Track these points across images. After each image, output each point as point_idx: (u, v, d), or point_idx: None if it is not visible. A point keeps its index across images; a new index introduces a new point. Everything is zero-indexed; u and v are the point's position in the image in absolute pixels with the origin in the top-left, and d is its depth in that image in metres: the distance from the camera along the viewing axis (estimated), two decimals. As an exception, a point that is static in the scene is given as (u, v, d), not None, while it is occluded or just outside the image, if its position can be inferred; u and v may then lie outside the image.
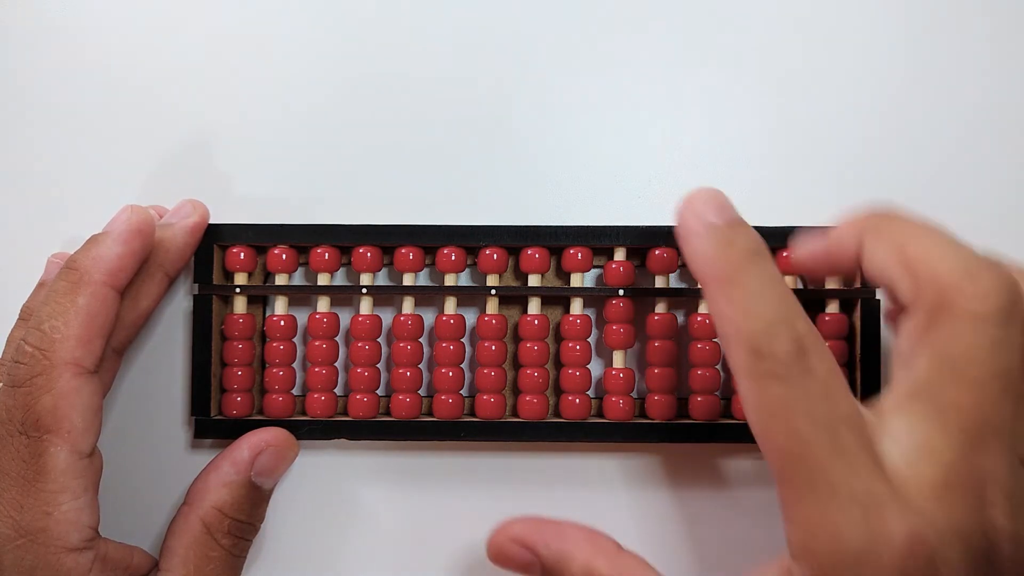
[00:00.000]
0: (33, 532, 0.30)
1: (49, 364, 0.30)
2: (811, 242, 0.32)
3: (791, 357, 0.26)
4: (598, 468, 0.38)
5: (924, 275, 0.27)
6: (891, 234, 0.28)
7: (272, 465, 0.35)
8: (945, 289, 0.26)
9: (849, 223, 0.30)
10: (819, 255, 0.31)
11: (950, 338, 0.26)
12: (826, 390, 0.26)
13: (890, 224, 0.29)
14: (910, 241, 0.28)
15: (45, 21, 0.39)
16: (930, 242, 0.27)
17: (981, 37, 0.39)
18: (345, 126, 0.39)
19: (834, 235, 0.30)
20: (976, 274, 0.26)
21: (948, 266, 0.27)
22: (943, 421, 0.26)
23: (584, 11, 0.39)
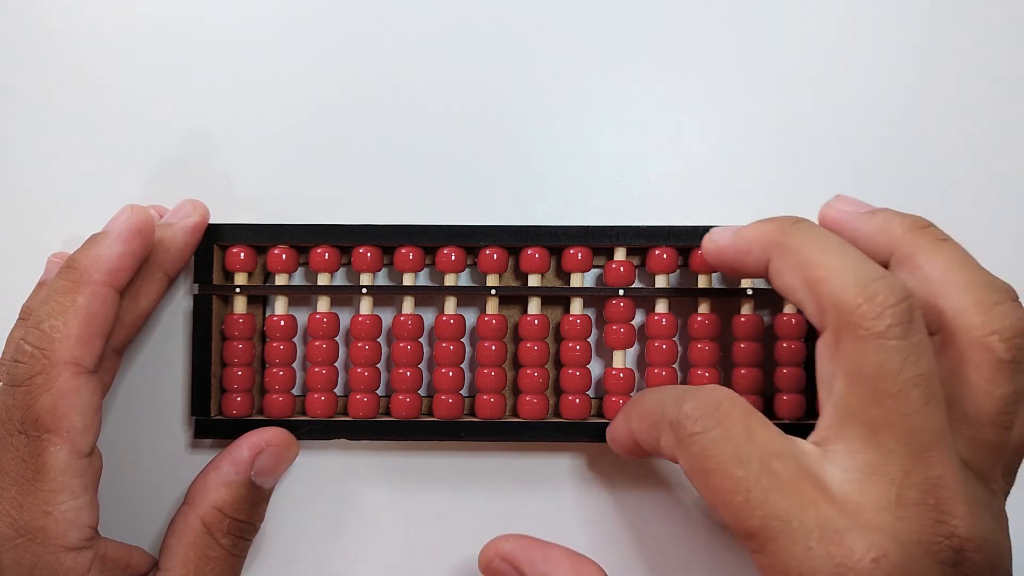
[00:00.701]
0: (32, 531, 0.30)
1: (48, 363, 0.30)
2: (720, 240, 0.32)
3: (702, 410, 0.28)
4: (598, 468, 0.38)
5: (825, 297, 0.27)
6: (795, 254, 0.29)
7: (272, 465, 0.35)
8: (844, 310, 0.27)
9: (755, 234, 0.31)
10: (727, 257, 0.32)
11: (858, 357, 0.27)
12: (746, 429, 0.27)
13: (793, 241, 0.29)
14: (811, 261, 0.28)
15: (44, 21, 0.39)
16: (829, 262, 0.28)
17: (985, 36, 0.39)
18: (345, 126, 0.39)
19: (741, 243, 0.31)
20: (872, 291, 0.27)
21: (845, 285, 0.27)
22: (878, 441, 0.26)
23: (584, 11, 0.39)
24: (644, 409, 0.31)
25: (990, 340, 0.28)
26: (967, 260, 0.29)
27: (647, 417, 0.30)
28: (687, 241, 0.36)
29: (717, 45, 0.39)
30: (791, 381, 0.36)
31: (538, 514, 0.38)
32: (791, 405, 0.36)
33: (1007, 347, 0.28)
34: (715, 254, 0.32)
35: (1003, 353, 0.28)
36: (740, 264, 0.31)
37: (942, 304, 0.29)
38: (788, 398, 0.36)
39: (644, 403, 0.31)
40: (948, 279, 0.29)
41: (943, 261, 0.29)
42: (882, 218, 0.31)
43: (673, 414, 0.28)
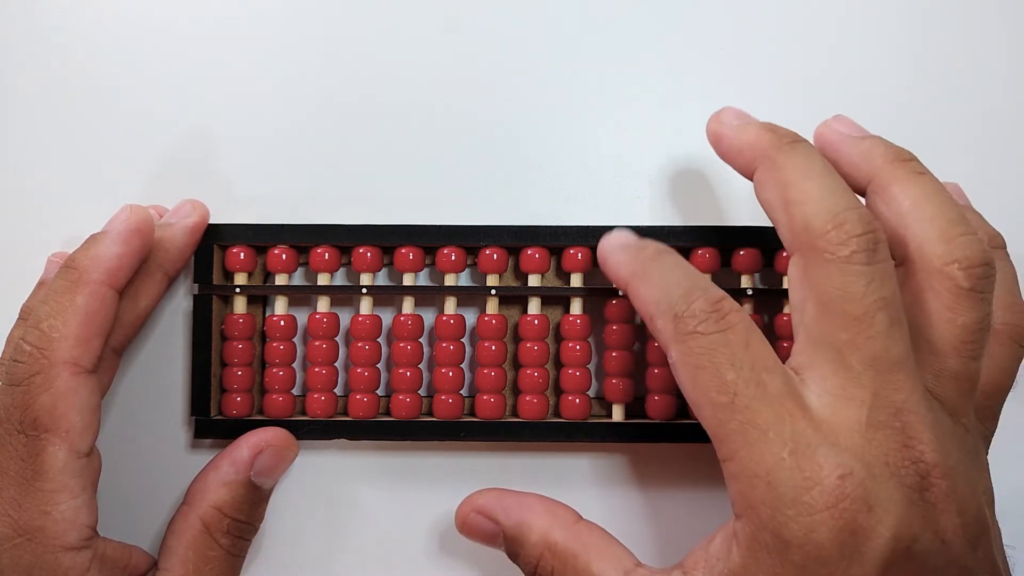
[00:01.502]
0: (31, 531, 0.30)
1: (47, 363, 0.30)
2: (724, 125, 0.32)
3: (708, 314, 0.28)
4: (598, 468, 0.38)
5: (797, 220, 0.28)
6: (779, 171, 0.29)
7: (272, 465, 0.35)
8: (813, 234, 0.28)
9: (751, 139, 0.31)
10: (721, 145, 0.33)
11: (825, 281, 0.27)
12: (746, 340, 0.28)
13: (781, 158, 0.30)
14: (791, 183, 0.29)
15: (44, 21, 0.39)
16: (807, 186, 0.29)
17: (989, 36, 0.39)
18: (345, 126, 0.39)
19: (737, 141, 0.32)
20: (841, 219, 0.28)
21: (816, 211, 0.28)
22: (846, 364, 0.27)
23: (584, 12, 0.39)
24: (649, 282, 0.30)
25: (950, 269, 0.28)
26: (939, 194, 0.30)
27: (650, 291, 0.30)
28: (687, 241, 0.36)
29: (717, 45, 0.39)
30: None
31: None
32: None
33: (967, 275, 0.28)
34: (714, 133, 0.33)
35: (963, 281, 0.28)
36: (729, 159, 0.32)
37: (908, 235, 0.29)
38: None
39: (651, 277, 0.30)
40: (917, 211, 0.29)
41: (915, 193, 0.30)
42: (868, 145, 0.31)
43: (680, 307, 0.28)
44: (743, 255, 0.36)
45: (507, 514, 0.33)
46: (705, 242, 0.36)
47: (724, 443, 0.27)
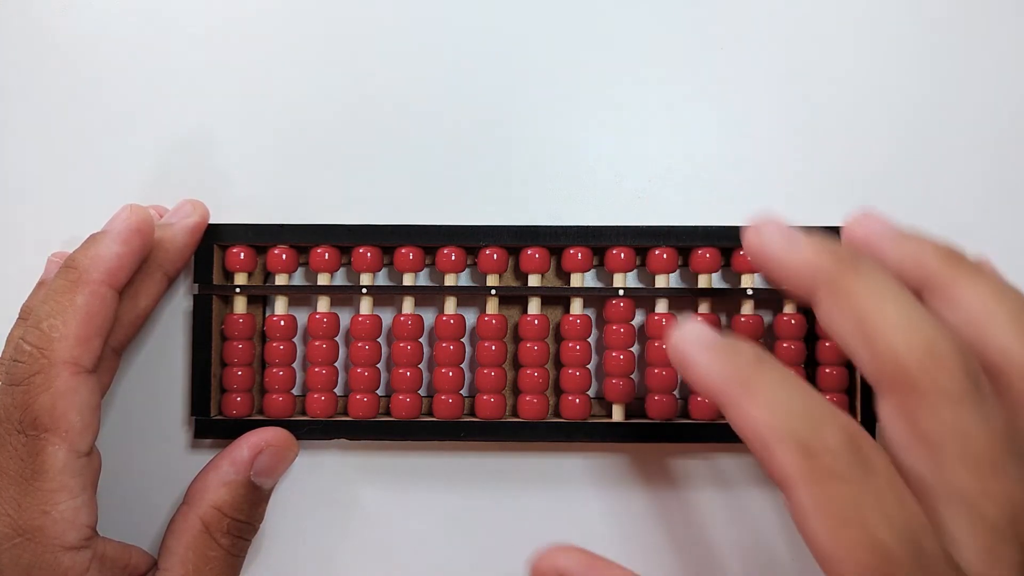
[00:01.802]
0: (31, 531, 0.30)
1: (47, 363, 0.30)
2: (768, 242, 0.28)
3: (847, 451, 0.24)
4: (598, 468, 0.38)
5: (885, 355, 0.25)
6: (849, 298, 0.26)
7: (272, 465, 0.35)
8: (908, 371, 0.25)
9: (807, 259, 0.27)
10: (769, 264, 0.28)
11: (935, 423, 0.24)
12: (895, 490, 0.24)
13: (848, 283, 0.26)
14: (867, 311, 0.26)
15: (44, 21, 0.39)
16: (886, 315, 0.25)
17: (989, 36, 0.39)
18: (345, 126, 0.39)
19: (790, 261, 0.27)
20: (937, 350, 0.25)
21: (906, 344, 0.25)
22: (986, 520, 0.24)
23: (585, 12, 0.39)
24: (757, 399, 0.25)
25: None
26: (1007, 291, 0.27)
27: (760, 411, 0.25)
28: (687, 241, 0.36)
29: (717, 45, 0.39)
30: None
31: (538, 514, 0.38)
32: (791, 405, 0.36)
33: None
34: (758, 252, 0.28)
35: None
36: (781, 280, 0.28)
37: (987, 341, 0.26)
38: (788, 398, 0.36)
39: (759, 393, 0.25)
40: (991, 314, 0.26)
41: (983, 294, 0.27)
42: (915, 246, 0.28)
43: (808, 438, 0.24)
44: (743, 255, 0.36)
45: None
46: (705, 242, 0.36)
47: None
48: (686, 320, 0.29)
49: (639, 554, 0.37)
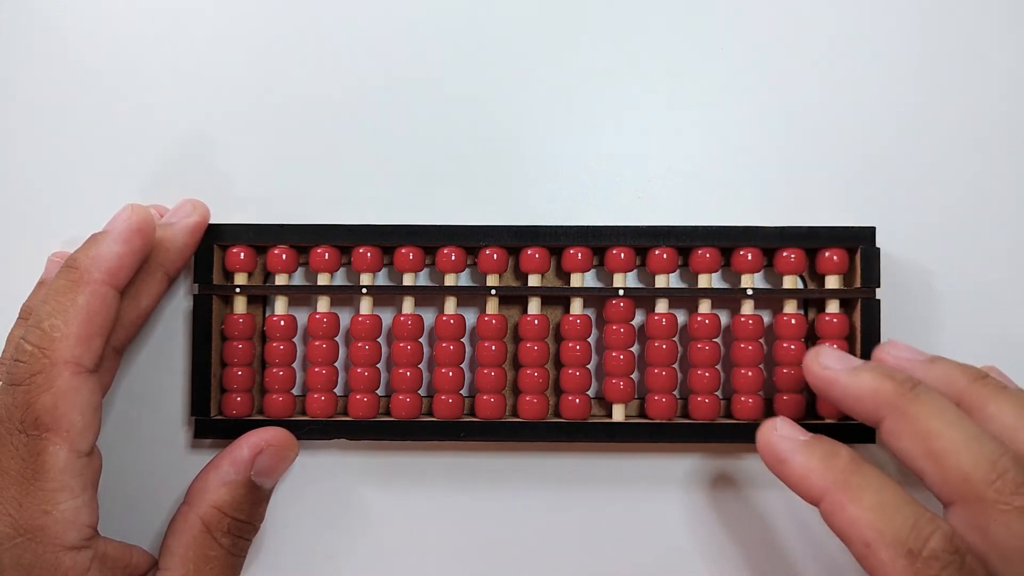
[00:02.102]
0: (32, 530, 0.30)
1: (49, 363, 0.30)
2: (831, 372, 0.31)
3: (952, 556, 0.26)
4: (598, 468, 0.38)
5: (952, 471, 0.28)
6: (915, 423, 0.29)
7: (272, 465, 0.35)
8: (976, 486, 0.27)
9: (871, 388, 0.30)
10: (833, 392, 0.31)
11: (1006, 533, 0.27)
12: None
13: (913, 409, 0.29)
14: (934, 433, 0.28)
15: (44, 21, 0.39)
16: (952, 435, 0.28)
17: (982, 36, 0.39)
18: (345, 126, 0.39)
19: (855, 389, 0.30)
20: (1001, 467, 0.27)
21: (972, 461, 0.27)
22: None
23: (585, 12, 0.39)
24: (860, 502, 0.28)
25: None
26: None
27: (864, 513, 0.28)
28: (687, 241, 0.36)
29: (717, 45, 0.39)
30: (791, 381, 0.36)
31: (538, 514, 0.38)
32: (791, 405, 0.36)
33: None
34: (823, 384, 0.32)
35: None
36: (847, 407, 0.31)
37: (1020, 447, 0.29)
38: (788, 398, 0.36)
39: (862, 496, 0.28)
40: (1019, 424, 0.29)
41: (1013, 408, 0.29)
42: (944, 369, 0.31)
43: (913, 542, 0.27)
44: (743, 255, 0.36)
45: None
46: (705, 242, 0.36)
47: None
48: (772, 420, 0.31)
49: (639, 554, 0.38)
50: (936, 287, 0.38)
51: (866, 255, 0.36)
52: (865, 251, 0.36)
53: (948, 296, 0.38)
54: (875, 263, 0.36)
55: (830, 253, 0.36)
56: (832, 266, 0.36)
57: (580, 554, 0.38)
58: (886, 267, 0.37)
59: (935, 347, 0.37)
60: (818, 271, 0.37)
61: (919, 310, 0.38)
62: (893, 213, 0.38)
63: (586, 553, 0.38)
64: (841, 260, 0.36)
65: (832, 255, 0.36)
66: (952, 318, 0.38)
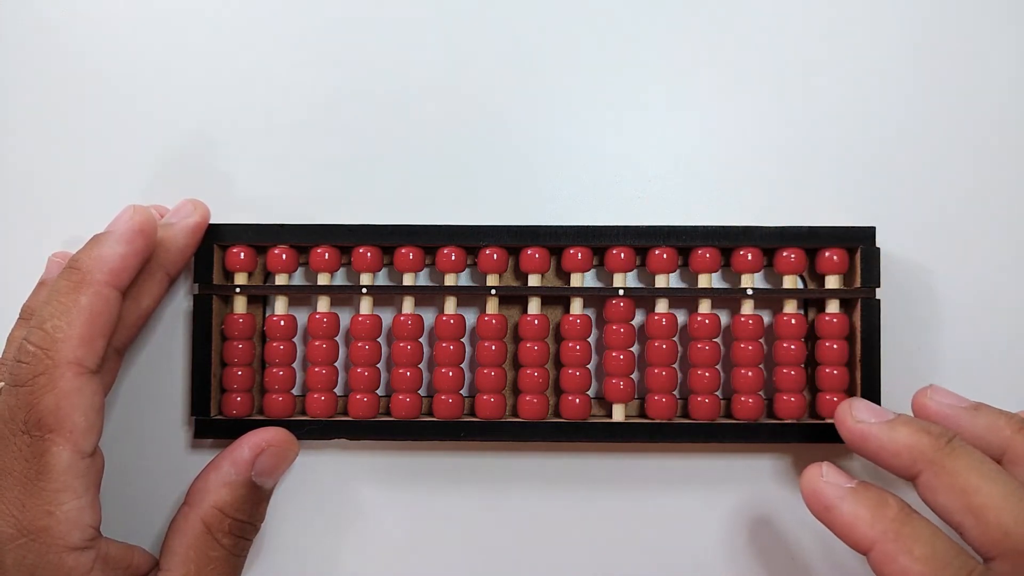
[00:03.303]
0: (35, 531, 0.30)
1: (51, 363, 0.30)
2: (866, 427, 0.32)
3: None
4: (598, 468, 0.38)
5: (992, 526, 0.28)
6: (953, 476, 0.29)
7: (272, 465, 0.35)
8: (1018, 540, 0.28)
9: (908, 443, 0.30)
10: (869, 446, 0.31)
11: None
12: None
13: (950, 463, 0.29)
14: (972, 488, 0.29)
15: (45, 21, 0.39)
16: (991, 490, 0.29)
17: (981, 36, 0.39)
18: (345, 126, 0.39)
19: (891, 444, 0.31)
20: None
21: (1013, 516, 0.28)
22: None
23: (584, 12, 0.39)
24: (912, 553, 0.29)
25: None
26: None
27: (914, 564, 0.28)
28: (687, 241, 0.36)
29: (717, 45, 0.39)
30: (791, 381, 0.36)
31: (538, 514, 0.38)
32: (791, 405, 0.36)
33: None
34: (857, 438, 0.32)
35: None
36: (882, 461, 0.31)
37: None
38: (788, 398, 0.36)
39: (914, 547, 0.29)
40: None
41: None
42: (989, 418, 0.32)
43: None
44: (743, 255, 0.36)
45: None
46: (705, 242, 0.36)
47: None
48: (818, 465, 0.31)
49: (639, 554, 0.38)
50: (936, 287, 0.38)
51: (866, 255, 0.36)
52: (865, 251, 0.36)
53: (948, 296, 0.38)
54: (875, 263, 0.36)
55: (830, 253, 0.36)
56: (832, 266, 0.36)
57: (580, 554, 0.38)
58: (886, 267, 0.37)
59: (935, 347, 0.38)
60: (818, 271, 0.37)
61: (919, 310, 0.38)
62: (893, 213, 0.38)
63: (586, 553, 0.38)
64: (841, 260, 0.36)
65: (832, 255, 0.36)
66: (952, 318, 0.38)
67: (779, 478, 0.38)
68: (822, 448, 0.37)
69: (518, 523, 0.38)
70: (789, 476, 0.38)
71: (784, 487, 0.38)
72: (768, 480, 0.38)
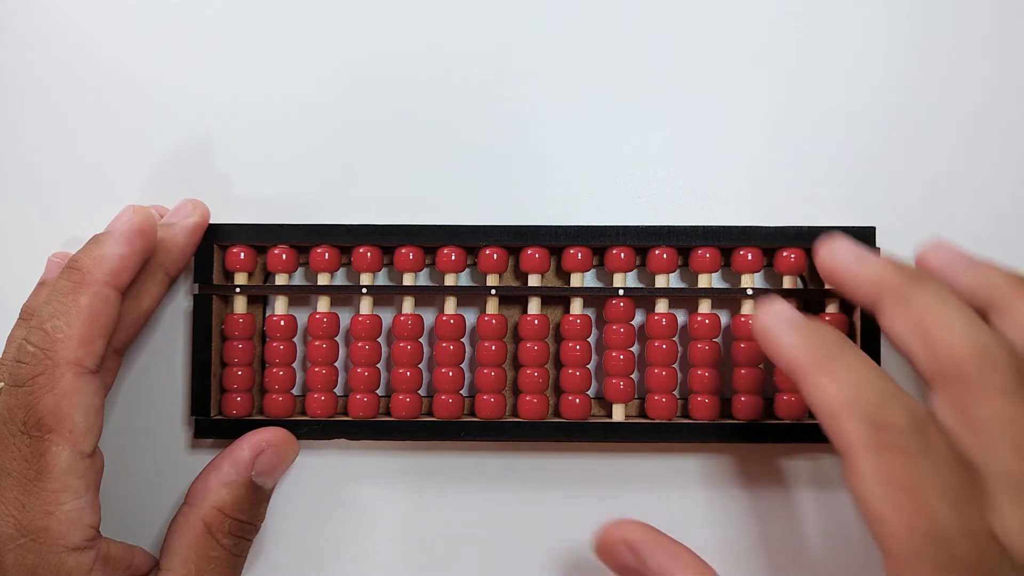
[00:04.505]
0: (35, 531, 0.30)
1: (51, 364, 0.30)
2: (840, 260, 0.32)
3: (912, 428, 0.27)
4: (598, 468, 0.38)
5: (941, 352, 0.28)
6: (912, 306, 0.29)
7: (272, 465, 0.35)
8: (962, 366, 0.27)
9: (876, 275, 0.31)
10: (839, 277, 0.32)
11: (985, 412, 0.27)
12: (950, 465, 0.27)
13: (912, 294, 0.29)
14: (928, 317, 0.29)
15: (45, 21, 0.39)
16: (946, 319, 0.28)
17: (981, 36, 0.39)
18: (345, 126, 0.39)
19: (860, 275, 0.31)
20: (988, 349, 0.27)
21: (961, 343, 0.28)
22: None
23: (584, 12, 0.39)
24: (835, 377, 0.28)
25: None
26: None
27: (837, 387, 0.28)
28: (687, 241, 0.36)
29: (717, 45, 0.39)
30: (791, 381, 0.36)
31: (538, 514, 0.38)
32: (791, 405, 0.36)
33: None
34: (829, 270, 0.32)
35: None
36: (849, 291, 0.32)
37: None
38: (788, 398, 0.36)
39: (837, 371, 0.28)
40: None
41: None
42: (986, 271, 0.31)
43: (879, 414, 0.27)
44: (743, 255, 0.36)
45: (655, 559, 0.31)
46: (705, 242, 0.36)
47: (912, 568, 0.26)
48: (770, 300, 0.31)
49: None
50: (936, 287, 0.38)
51: (866, 255, 0.36)
52: (865, 251, 0.36)
53: (948, 296, 0.38)
54: (875, 263, 0.36)
55: (830, 253, 0.36)
56: (832, 266, 0.36)
57: (580, 554, 0.38)
58: (885, 267, 0.37)
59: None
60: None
61: (918, 310, 0.38)
62: (893, 213, 0.38)
63: (586, 552, 0.38)
64: (841, 260, 0.36)
65: (832, 255, 0.36)
66: (951, 318, 0.38)
67: (779, 478, 0.38)
68: (822, 448, 0.37)
69: (518, 523, 0.38)
70: (789, 476, 0.38)
71: (785, 487, 0.38)
72: (769, 480, 0.38)
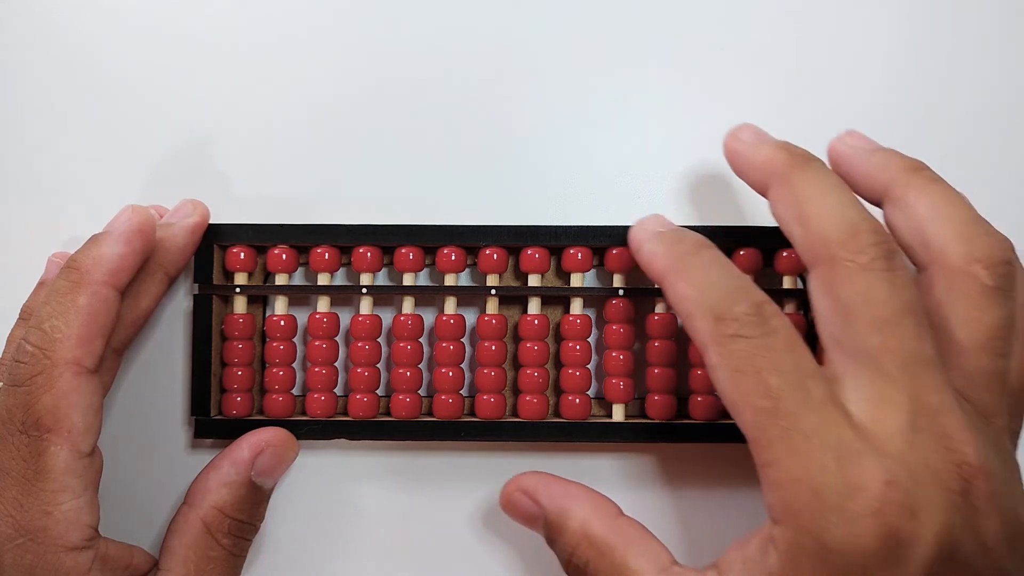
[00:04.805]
0: (33, 531, 0.30)
1: (50, 363, 0.30)
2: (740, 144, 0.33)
3: (751, 317, 0.28)
4: (598, 468, 0.38)
5: (814, 233, 0.29)
6: (792, 188, 0.30)
7: (272, 465, 0.35)
8: (831, 245, 0.28)
9: (767, 158, 0.31)
10: (737, 161, 0.33)
11: (848, 288, 0.28)
12: (789, 345, 0.28)
13: (796, 177, 0.30)
14: (806, 199, 0.30)
15: (45, 21, 0.39)
16: (821, 201, 0.29)
17: (981, 36, 0.39)
18: (345, 126, 0.39)
19: (753, 159, 0.32)
20: (856, 229, 0.28)
21: (832, 223, 0.29)
22: (881, 369, 0.27)
23: (583, 11, 0.39)
24: (688, 279, 0.30)
25: (974, 268, 0.29)
26: (954, 198, 0.30)
27: (688, 288, 0.29)
28: (687, 241, 0.36)
29: (717, 45, 0.39)
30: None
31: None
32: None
33: (990, 274, 0.29)
34: (730, 154, 0.33)
35: (987, 279, 0.29)
36: (743, 175, 0.33)
37: (928, 239, 0.30)
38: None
39: (690, 274, 0.30)
40: (935, 215, 0.30)
41: (932, 198, 0.30)
42: (882, 157, 0.32)
43: (721, 308, 0.28)
44: (743, 255, 0.36)
45: (551, 499, 0.33)
46: (705, 242, 0.36)
47: (765, 449, 0.27)
48: (648, 216, 0.33)
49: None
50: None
51: (866, 255, 0.36)
52: (865, 251, 0.36)
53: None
54: (875, 263, 0.36)
55: (830, 253, 0.36)
56: (832, 266, 0.36)
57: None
58: (886, 267, 0.37)
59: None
60: (818, 271, 0.37)
61: (919, 310, 0.38)
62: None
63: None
64: (841, 260, 0.36)
65: (832, 255, 0.36)
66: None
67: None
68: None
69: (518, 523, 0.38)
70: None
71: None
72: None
